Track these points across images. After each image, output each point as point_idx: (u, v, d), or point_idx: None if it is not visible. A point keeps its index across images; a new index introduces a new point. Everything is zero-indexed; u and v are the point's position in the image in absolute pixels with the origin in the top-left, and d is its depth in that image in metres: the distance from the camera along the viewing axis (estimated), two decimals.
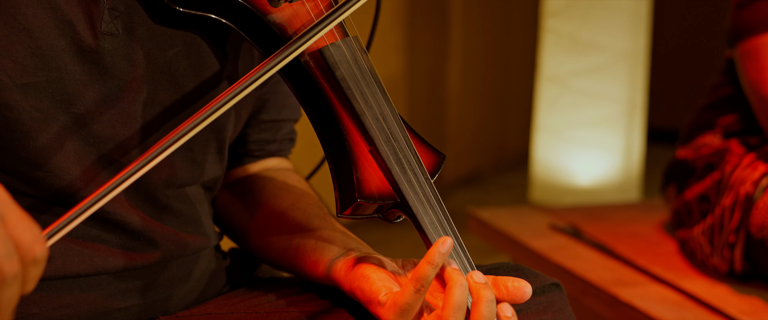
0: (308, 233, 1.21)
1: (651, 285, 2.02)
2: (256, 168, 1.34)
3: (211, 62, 1.17)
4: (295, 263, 1.22)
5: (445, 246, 1.03)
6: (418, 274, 1.03)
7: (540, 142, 3.77)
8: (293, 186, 1.30)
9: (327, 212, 1.26)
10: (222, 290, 1.29)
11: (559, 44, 3.66)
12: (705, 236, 2.09)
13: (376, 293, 1.08)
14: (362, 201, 1.07)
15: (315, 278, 1.19)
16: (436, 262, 1.03)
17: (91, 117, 1.11)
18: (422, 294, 1.04)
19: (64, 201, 1.11)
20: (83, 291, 1.14)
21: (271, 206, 1.27)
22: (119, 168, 1.12)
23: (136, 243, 1.16)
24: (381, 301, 1.07)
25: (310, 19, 1.11)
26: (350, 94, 1.09)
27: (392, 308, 1.05)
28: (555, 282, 1.22)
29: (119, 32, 1.11)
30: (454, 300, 1.03)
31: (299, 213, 1.25)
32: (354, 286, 1.11)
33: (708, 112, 2.25)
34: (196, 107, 1.16)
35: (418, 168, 1.10)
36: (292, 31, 1.10)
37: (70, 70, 1.09)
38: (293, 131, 1.37)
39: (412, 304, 1.04)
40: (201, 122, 1.02)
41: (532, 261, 2.29)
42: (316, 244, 1.19)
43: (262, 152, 1.34)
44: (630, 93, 3.67)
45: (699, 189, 2.15)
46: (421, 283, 1.03)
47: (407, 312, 1.04)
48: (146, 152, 0.99)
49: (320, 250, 1.18)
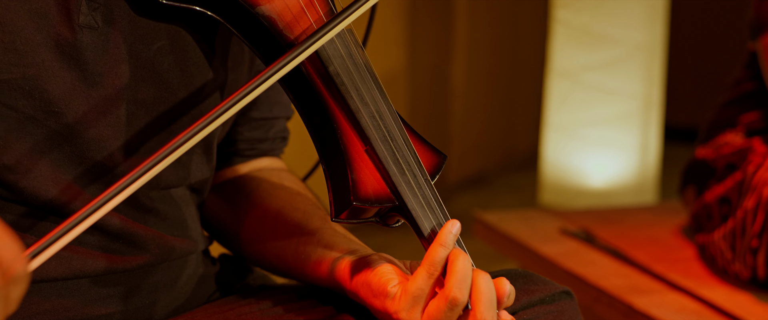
0: (308, 235, 1.22)
1: (668, 294, 2.02)
2: (247, 169, 1.34)
3: (197, 58, 1.17)
4: (293, 266, 1.23)
5: (455, 226, 1.07)
6: (430, 258, 1.06)
7: (550, 140, 3.77)
8: (288, 186, 1.30)
9: (326, 213, 1.26)
10: (211, 297, 1.29)
11: (570, 37, 3.66)
12: (726, 241, 2.09)
13: (386, 284, 1.09)
14: (358, 204, 1.07)
15: (316, 279, 1.20)
16: (448, 243, 1.06)
17: (70, 115, 1.11)
18: (434, 278, 1.06)
19: (43, 205, 1.11)
20: (61, 296, 1.14)
21: (265, 206, 1.27)
22: (100, 168, 1.12)
23: (117, 246, 1.16)
24: (390, 292, 1.08)
25: (300, 10, 1.11)
26: (344, 90, 1.09)
27: (404, 296, 1.07)
28: (566, 289, 1.22)
29: (99, 25, 1.11)
30: (457, 271, 1.05)
31: (297, 214, 1.25)
32: (360, 282, 1.12)
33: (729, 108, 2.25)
34: (180, 105, 1.16)
35: (417, 169, 1.10)
36: (283, 24, 1.10)
37: (48, 65, 1.09)
38: (285, 129, 1.38)
39: (424, 289, 1.06)
40: (198, 132, 1.03)
41: (542, 267, 2.29)
42: (318, 246, 1.20)
43: (253, 151, 1.34)
44: (646, 88, 3.67)
45: (720, 191, 2.15)
46: (434, 267, 1.06)
47: (419, 298, 1.07)
48: (137, 167, 1.00)
49: (322, 252, 1.19)
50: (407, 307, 1.07)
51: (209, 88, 1.18)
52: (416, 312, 1.07)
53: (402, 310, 1.07)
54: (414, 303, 1.07)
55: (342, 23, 1.08)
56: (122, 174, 1.10)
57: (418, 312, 1.07)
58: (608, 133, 3.67)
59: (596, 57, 3.63)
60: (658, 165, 3.84)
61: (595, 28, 3.62)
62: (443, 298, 1.05)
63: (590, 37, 3.62)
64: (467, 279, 1.05)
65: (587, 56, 3.64)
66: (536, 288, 1.20)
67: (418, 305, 1.07)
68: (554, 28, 3.72)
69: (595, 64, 3.64)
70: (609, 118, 3.67)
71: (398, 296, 1.08)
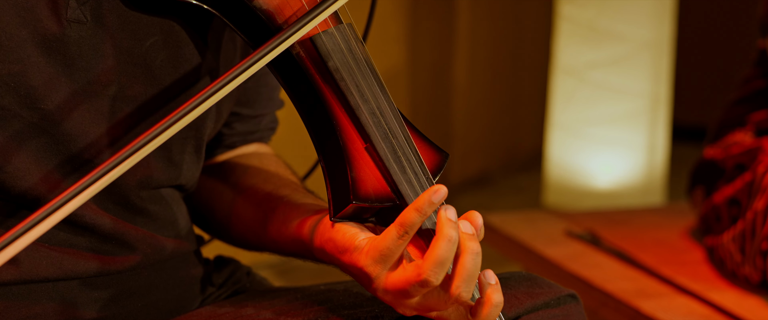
0: (275, 201, 1.22)
1: (676, 297, 2.02)
2: (231, 155, 1.35)
3: (191, 54, 1.17)
4: (261, 233, 1.23)
5: (438, 195, 1.04)
6: (403, 219, 1.04)
7: (555, 140, 3.77)
8: (265, 166, 1.31)
9: (301, 186, 1.27)
10: (206, 300, 1.29)
11: (575, 33, 3.66)
12: (735, 243, 2.09)
13: (353, 238, 1.08)
14: (358, 203, 1.07)
15: (284, 245, 1.20)
16: (424, 211, 1.04)
17: (57, 113, 1.10)
18: (405, 241, 1.05)
19: (28, 205, 1.11)
20: (51, 299, 1.14)
21: (241, 185, 1.29)
22: (89, 171, 1.12)
23: (108, 247, 1.16)
24: (358, 245, 1.07)
25: (301, 5, 1.10)
26: (344, 86, 1.09)
27: (371, 252, 1.06)
28: (571, 293, 1.22)
29: (87, 19, 1.11)
30: (438, 255, 1.03)
31: (268, 186, 1.26)
32: (325, 239, 1.11)
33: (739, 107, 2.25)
34: (173, 103, 1.16)
35: (418, 168, 1.10)
36: (282, 18, 1.10)
37: (34, 61, 1.09)
38: (275, 119, 1.39)
39: (393, 250, 1.05)
40: (181, 118, 1.02)
41: (546, 270, 2.29)
42: (284, 209, 1.20)
43: (242, 142, 1.35)
44: (653, 86, 3.67)
45: (729, 192, 2.15)
46: (405, 229, 1.04)
47: (387, 258, 1.05)
48: (118, 152, 0.99)
49: (288, 214, 1.19)
50: (373, 262, 1.06)
51: (202, 84, 1.18)
52: (382, 269, 1.06)
53: (369, 264, 1.06)
54: (381, 260, 1.05)
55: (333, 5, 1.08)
56: None
57: (385, 270, 1.06)
58: (614, 132, 3.67)
59: (602, 54, 3.63)
60: (666, 166, 3.84)
61: (601, 24, 3.61)
62: (416, 275, 1.04)
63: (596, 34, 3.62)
64: (446, 263, 1.04)
65: (593, 53, 3.64)
66: (541, 292, 1.20)
67: (386, 263, 1.05)
68: (559, 24, 3.72)
69: (601, 61, 3.64)
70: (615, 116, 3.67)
71: (366, 249, 1.07)
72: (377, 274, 1.06)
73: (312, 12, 1.07)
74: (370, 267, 1.06)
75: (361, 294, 1.21)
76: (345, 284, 1.24)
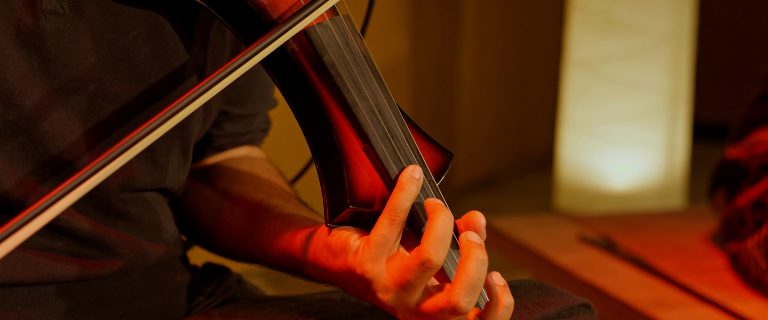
0: (265, 211, 1.23)
1: (697, 307, 2.02)
2: (221, 158, 1.35)
3: (176, 48, 1.17)
4: (250, 243, 1.23)
5: (417, 171, 1.07)
6: (391, 204, 1.06)
7: (567, 139, 3.77)
8: (256, 172, 1.32)
9: (293, 196, 1.27)
10: (193, 308, 1.29)
11: (589, 24, 3.66)
12: (760, 249, 2.09)
13: (346, 240, 1.09)
14: (355, 207, 1.07)
15: (271, 257, 1.20)
16: (408, 188, 1.06)
17: (34, 112, 1.10)
18: (398, 225, 1.06)
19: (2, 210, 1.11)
20: (27, 306, 1.14)
21: (229, 191, 1.29)
22: (69, 173, 1.12)
23: (89, 251, 1.16)
24: (352, 246, 1.08)
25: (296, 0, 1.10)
26: (340, 82, 1.09)
27: (366, 247, 1.07)
28: (585, 302, 1.22)
29: (65, 11, 1.11)
30: (437, 229, 1.04)
31: (259, 195, 1.26)
32: (319, 247, 1.11)
33: (763, 103, 2.25)
34: (159, 102, 1.16)
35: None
36: (276, 12, 1.10)
37: (8, 55, 1.09)
38: (268, 120, 1.39)
39: (387, 237, 1.06)
40: (167, 119, 1.02)
41: (559, 278, 2.29)
42: (275, 222, 1.20)
43: (233, 144, 1.35)
44: (672, 81, 3.67)
45: (753, 195, 2.15)
46: (395, 212, 1.06)
47: (383, 247, 1.06)
48: (101, 156, 0.98)
49: (279, 225, 1.19)
50: (371, 258, 1.06)
51: (188, 80, 1.18)
52: (380, 263, 1.06)
53: (365, 261, 1.07)
54: (379, 253, 1.06)
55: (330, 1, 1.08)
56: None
57: (383, 264, 1.06)
58: (631, 130, 3.67)
59: (618, 47, 3.63)
60: (686, 166, 3.84)
61: (616, 15, 3.62)
62: (416, 257, 1.04)
63: (611, 25, 3.62)
64: (446, 238, 1.04)
65: (608, 46, 3.64)
66: (552, 301, 1.20)
67: (383, 255, 1.06)
68: (572, 15, 3.73)
69: (617, 54, 3.64)
70: (632, 113, 3.67)
71: (361, 248, 1.07)
72: (375, 274, 1.06)
73: (310, 5, 1.07)
74: (367, 266, 1.07)
75: (359, 303, 1.21)
76: (341, 293, 1.24)
